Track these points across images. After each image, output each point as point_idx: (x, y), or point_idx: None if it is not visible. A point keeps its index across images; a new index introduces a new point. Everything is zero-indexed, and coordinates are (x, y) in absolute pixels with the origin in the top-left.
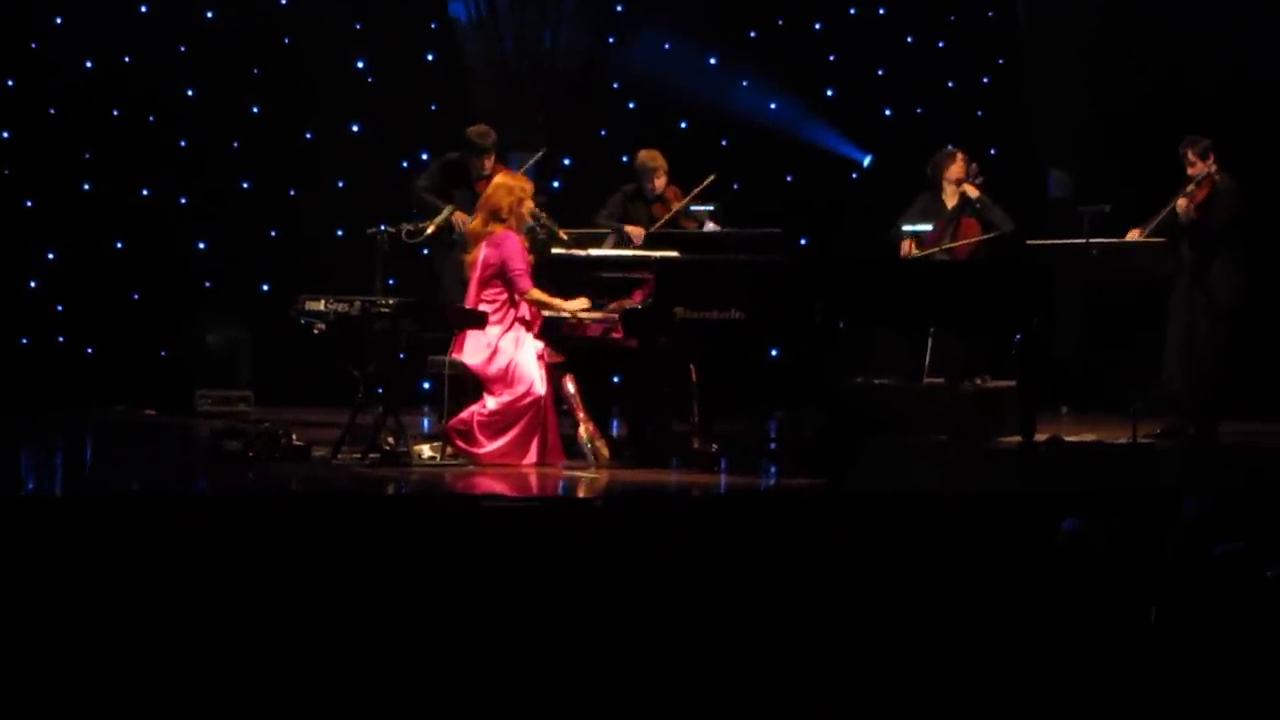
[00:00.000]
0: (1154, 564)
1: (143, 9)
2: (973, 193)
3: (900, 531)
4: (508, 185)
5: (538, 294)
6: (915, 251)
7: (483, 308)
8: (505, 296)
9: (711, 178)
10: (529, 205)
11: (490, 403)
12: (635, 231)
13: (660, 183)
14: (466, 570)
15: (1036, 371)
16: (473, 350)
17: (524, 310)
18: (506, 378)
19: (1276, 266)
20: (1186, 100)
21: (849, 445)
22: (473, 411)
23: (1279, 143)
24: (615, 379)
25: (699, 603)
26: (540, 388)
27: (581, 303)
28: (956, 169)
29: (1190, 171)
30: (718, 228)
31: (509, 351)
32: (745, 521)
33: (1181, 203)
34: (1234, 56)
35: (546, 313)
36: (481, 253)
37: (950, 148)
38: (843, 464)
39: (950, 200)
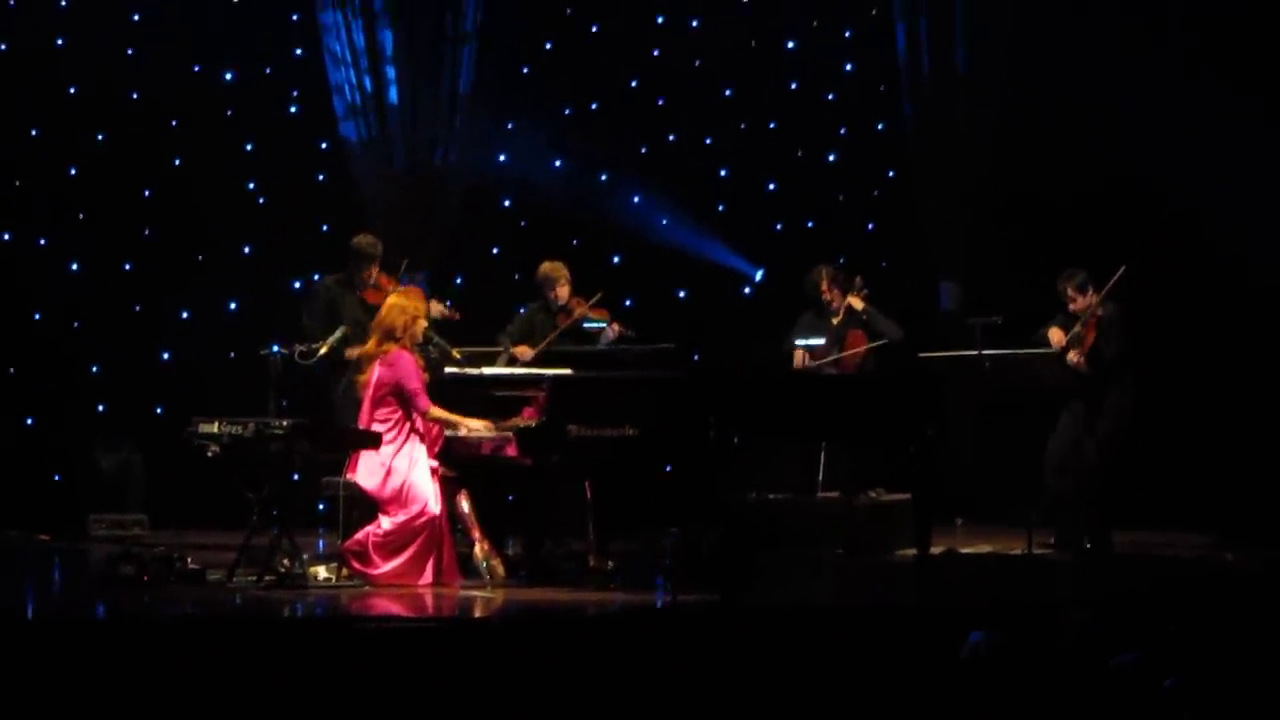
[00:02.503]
0: (1050, 675)
1: (33, 132)
2: (857, 304)
3: (797, 647)
4: (401, 305)
5: (439, 411)
6: (810, 361)
7: (376, 427)
8: (398, 415)
9: (600, 294)
10: (422, 324)
11: (385, 523)
12: (521, 352)
13: (563, 292)
14: (364, 692)
15: (930, 484)
16: (367, 471)
17: (419, 427)
18: (401, 498)
19: (1170, 373)
20: (1077, 212)
21: (744, 560)
22: (368, 532)
23: (1172, 255)
24: (510, 497)
25: None
26: (435, 506)
27: (484, 422)
28: (828, 291)
29: (1072, 308)
30: (618, 331)
31: (403, 471)
32: (642, 639)
33: (1072, 356)
34: (1125, 170)
35: (448, 431)
36: (375, 372)
37: (820, 268)
38: (738, 579)
39: (836, 318)
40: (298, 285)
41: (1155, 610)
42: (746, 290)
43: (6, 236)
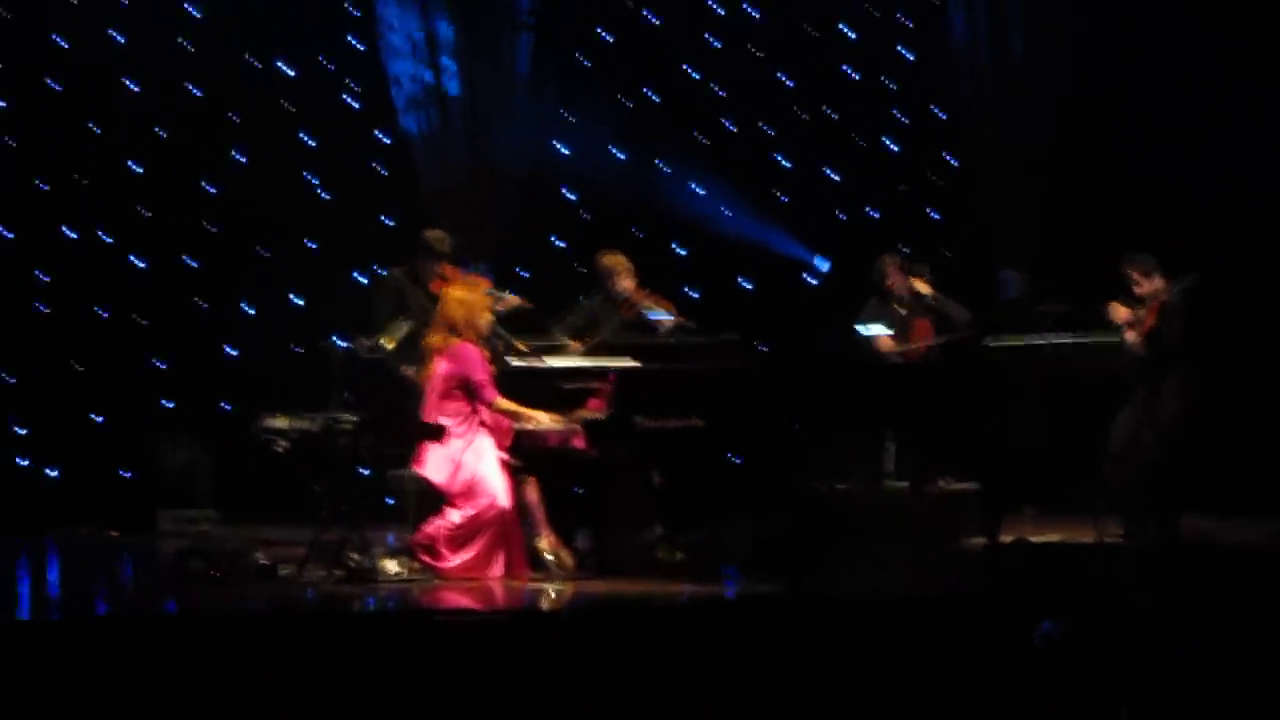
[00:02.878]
0: (1119, 664)
1: (93, 125)
2: (924, 289)
3: (866, 638)
4: (459, 298)
5: (506, 403)
6: (894, 346)
7: (443, 421)
8: (467, 409)
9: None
10: (486, 318)
11: (454, 516)
12: (573, 347)
13: (626, 284)
14: (434, 686)
15: (999, 472)
16: (435, 464)
17: (487, 419)
18: (469, 491)
19: (1229, 362)
20: (1138, 200)
21: (812, 551)
22: (437, 525)
23: (1230, 240)
24: (577, 489)
25: (666, 715)
26: (504, 499)
27: (550, 414)
28: (895, 278)
29: (1136, 291)
30: (676, 320)
31: (471, 465)
32: (710, 630)
33: (1129, 335)
34: (1188, 158)
35: (516, 425)
36: (441, 367)
37: (886, 256)
38: (806, 570)
39: (899, 304)
40: (360, 279)
41: (1223, 598)
42: (812, 280)
43: (72, 234)
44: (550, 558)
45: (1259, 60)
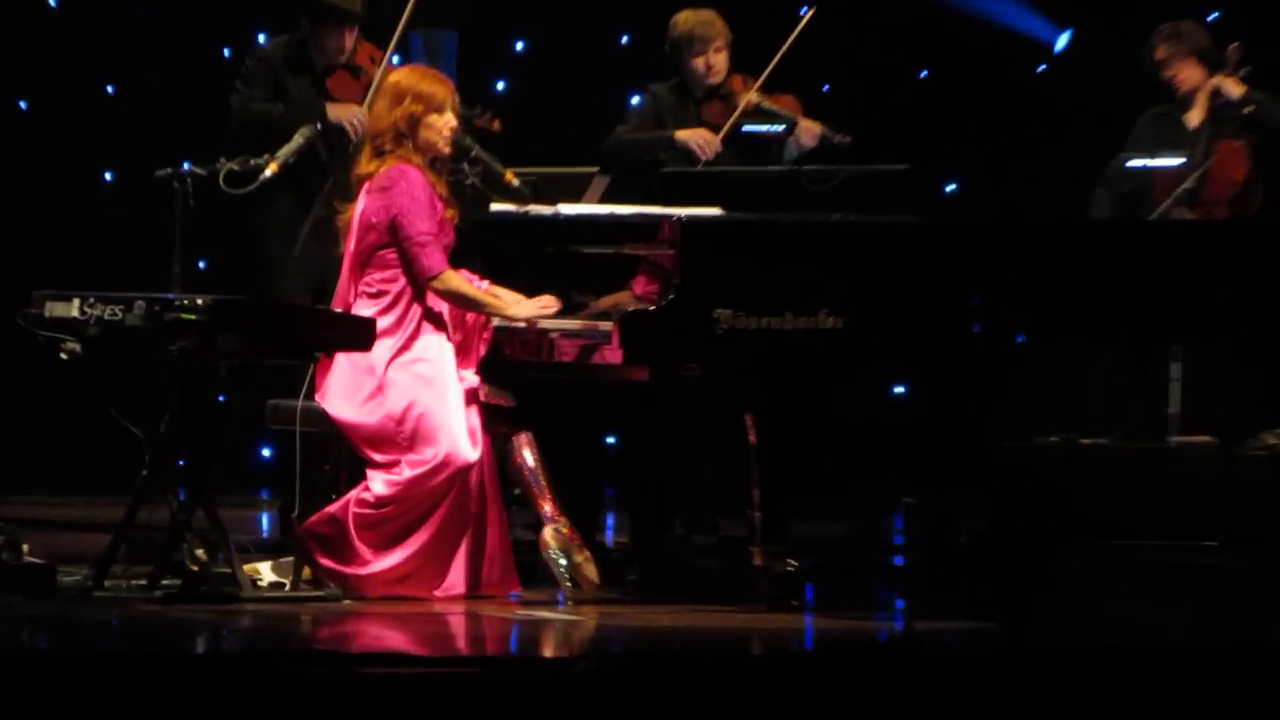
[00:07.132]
0: None
1: None
2: (1234, 90)
3: (1123, 706)
4: (400, 87)
5: (457, 281)
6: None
7: (360, 307)
8: (399, 287)
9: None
10: (445, 122)
11: (377, 483)
12: (701, 137)
13: (719, 61)
14: None
15: None
16: (343, 389)
17: (438, 308)
18: (403, 435)
19: None
20: None
21: (1034, 558)
22: (348, 500)
23: None
24: (609, 440)
25: None
26: (468, 453)
27: (543, 301)
28: (1182, 70)
29: None
30: (817, 134)
31: (407, 390)
32: (849, 697)
33: None
34: None
35: (496, 321)
36: (360, 206)
37: (1159, 28)
38: (1024, 593)
39: (1195, 115)
40: (227, 53)
41: None
42: (1041, 68)
43: None
44: (560, 564)
45: None
